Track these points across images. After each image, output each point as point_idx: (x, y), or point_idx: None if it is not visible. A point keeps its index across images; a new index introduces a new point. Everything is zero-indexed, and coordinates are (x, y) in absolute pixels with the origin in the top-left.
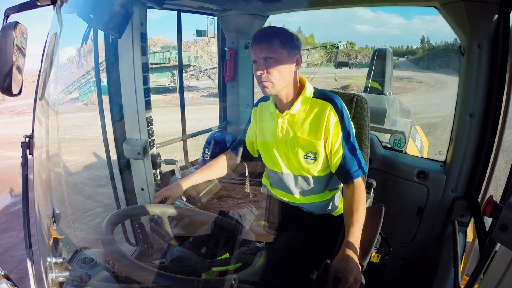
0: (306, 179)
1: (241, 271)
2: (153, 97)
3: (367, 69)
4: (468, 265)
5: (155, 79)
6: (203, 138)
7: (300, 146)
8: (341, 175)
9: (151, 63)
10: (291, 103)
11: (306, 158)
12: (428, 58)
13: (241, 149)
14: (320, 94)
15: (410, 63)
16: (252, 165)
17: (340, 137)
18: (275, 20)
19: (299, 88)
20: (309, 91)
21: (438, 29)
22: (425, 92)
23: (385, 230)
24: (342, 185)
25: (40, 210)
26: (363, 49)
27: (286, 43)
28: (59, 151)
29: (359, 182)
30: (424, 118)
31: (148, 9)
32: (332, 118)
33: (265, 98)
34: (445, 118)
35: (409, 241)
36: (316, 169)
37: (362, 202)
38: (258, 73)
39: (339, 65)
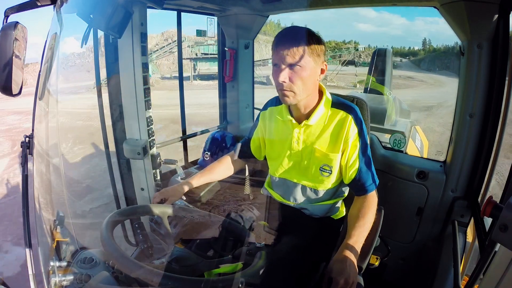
0: (315, 191)
1: (242, 271)
2: (205, 82)
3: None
4: (468, 265)
5: (208, 67)
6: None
7: (316, 159)
8: (355, 188)
9: (205, 54)
10: (309, 113)
11: (322, 171)
12: (429, 60)
13: (245, 152)
14: (339, 104)
15: (412, 64)
16: (252, 164)
17: (358, 149)
18: (275, 20)
19: (319, 98)
20: (328, 100)
21: (439, 31)
22: (425, 88)
23: (385, 230)
24: (347, 192)
25: (41, 211)
26: (367, 49)
27: (314, 50)
28: (59, 150)
29: (372, 195)
30: (424, 103)
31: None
32: (352, 130)
33: (274, 102)
34: (439, 104)
35: (409, 241)
36: (329, 181)
37: (372, 212)
38: (281, 80)
39: (347, 63)
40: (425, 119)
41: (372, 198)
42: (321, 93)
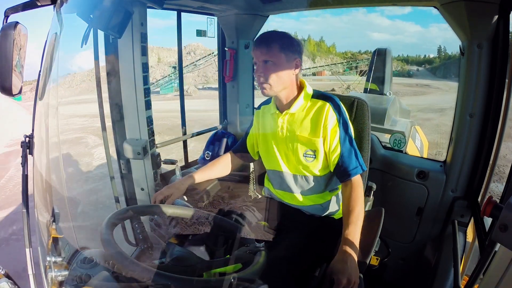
0: (306, 178)
1: (242, 271)
2: None
3: None
4: (468, 265)
5: None
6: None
7: (300, 144)
8: (339, 173)
9: None
10: (290, 104)
11: (306, 156)
12: (444, 67)
13: (242, 151)
14: (319, 95)
15: (428, 72)
16: (255, 166)
17: (338, 135)
18: (283, 19)
19: (298, 91)
20: (308, 92)
21: (454, 38)
22: (441, 94)
23: (385, 231)
24: (340, 186)
25: (40, 210)
26: None
27: (285, 48)
28: (59, 150)
29: (357, 181)
30: (439, 105)
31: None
32: (330, 116)
33: (267, 101)
34: (451, 107)
35: (409, 241)
36: (315, 167)
37: (359, 202)
38: (257, 75)
39: (365, 74)
40: (439, 118)
41: (357, 185)
42: (302, 88)
